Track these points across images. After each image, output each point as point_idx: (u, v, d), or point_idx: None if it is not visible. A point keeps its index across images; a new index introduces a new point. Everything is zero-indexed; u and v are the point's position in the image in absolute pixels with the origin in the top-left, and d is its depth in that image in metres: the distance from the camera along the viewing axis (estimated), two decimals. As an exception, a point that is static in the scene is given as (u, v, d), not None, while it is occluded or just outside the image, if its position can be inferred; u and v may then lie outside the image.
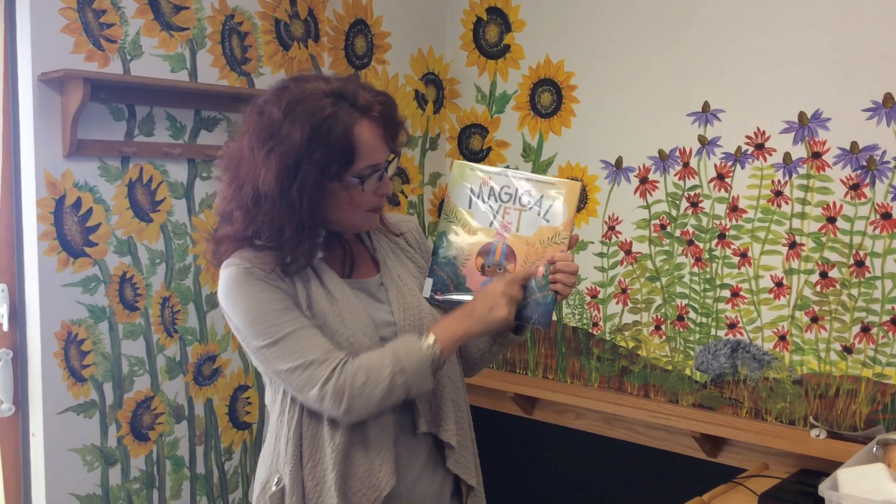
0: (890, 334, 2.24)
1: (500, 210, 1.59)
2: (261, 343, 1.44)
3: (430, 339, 1.46)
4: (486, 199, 1.60)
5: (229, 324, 1.50)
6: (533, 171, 2.91)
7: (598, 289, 2.78)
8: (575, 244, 1.59)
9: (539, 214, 1.57)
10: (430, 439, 1.56)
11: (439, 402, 1.55)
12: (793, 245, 2.38)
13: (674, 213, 2.60)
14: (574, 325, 2.85)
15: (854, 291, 2.28)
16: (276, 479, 1.52)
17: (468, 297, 1.57)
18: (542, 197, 1.57)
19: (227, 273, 1.46)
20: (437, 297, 1.60)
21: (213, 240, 1.52)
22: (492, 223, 1.59)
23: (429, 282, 1.60)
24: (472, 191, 1.60)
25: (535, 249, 1.56)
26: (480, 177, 1.61)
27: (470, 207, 1.60)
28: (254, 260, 1.45)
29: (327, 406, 1.43)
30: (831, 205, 2.31)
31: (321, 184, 1.42)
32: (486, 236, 1.59)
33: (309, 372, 1.42)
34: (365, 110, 1.43)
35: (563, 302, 2.85)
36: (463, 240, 1.59)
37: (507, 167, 2.98)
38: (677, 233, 2.60)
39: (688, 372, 2.60)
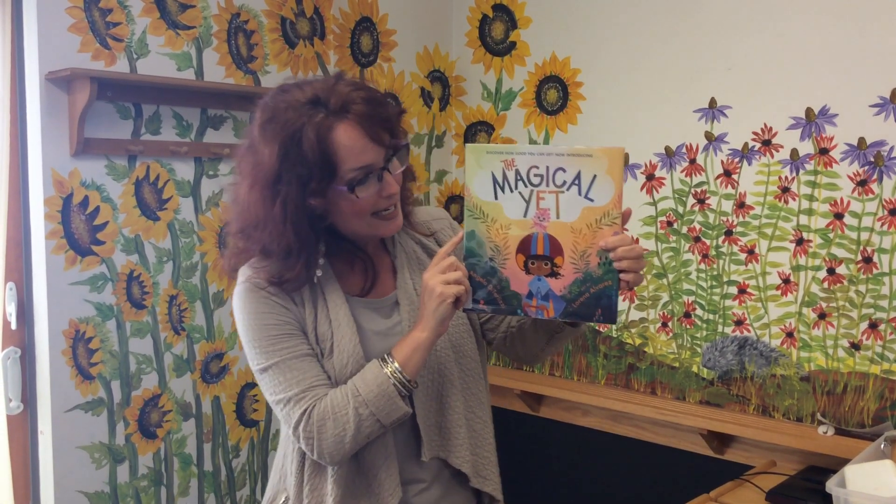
0: (898, 331, 2.23)
1: (533, 195, 1.34)
2: (254, 367, 1.42)
3: (390, 361, 1.36)
4: (513, 185, 1.35)
5: None
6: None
7: (605, 286, 2.77)
8: (628, 219, 1.35)
9: (580, 194, 1.32)
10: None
11: (448, 424, 1.45)
12: (800, 241, 2.37)
13: (680, 209, 2.59)
14: (581, 322, 2.84)
15: (862, 288, 2.27)
16: (283, 498, 1.50)
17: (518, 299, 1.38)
18: (579, 173, 1.32)
19: (238, 289, 1.44)
20: (480, 305, 1.39)
21: (230, 252, 1.49)
22: (526, 213, 1.35)
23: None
24: (494, 178, 1.35)
25: (583, 236, 1.33)
26: (502, 159, 1.35)
27: (496, 198, 1.36)
28: (262, 272, 1.41)
29: (304, 448, 1.40)
30: (839, 201, 2.30)
31: (303, 201, 1.34)
32: (523, 229, 1.35)
33: (287, 410, 1.39)
34: (340, 113, 1.33)
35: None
36: (496, 237, 1.36)
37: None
38: (684, 229, 2.59)
39: (695, 369, 2.60)
